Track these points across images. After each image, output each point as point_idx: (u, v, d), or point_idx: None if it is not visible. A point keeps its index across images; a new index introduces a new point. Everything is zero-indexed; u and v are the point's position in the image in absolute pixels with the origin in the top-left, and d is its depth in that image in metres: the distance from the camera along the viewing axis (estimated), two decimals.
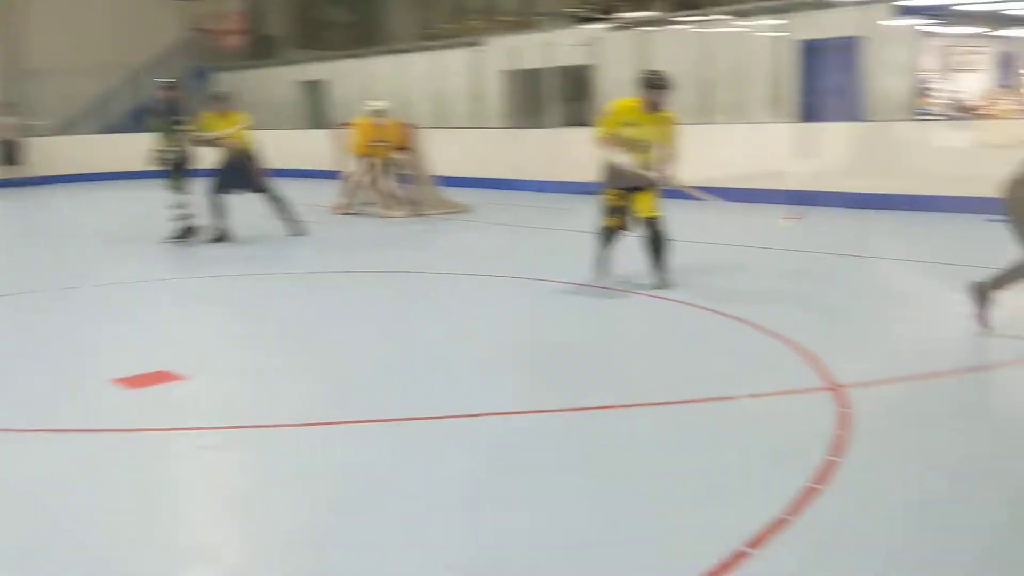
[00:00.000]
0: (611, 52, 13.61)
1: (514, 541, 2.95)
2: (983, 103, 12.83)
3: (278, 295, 7.16)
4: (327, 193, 12.43)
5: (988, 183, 4.69)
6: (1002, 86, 14.04)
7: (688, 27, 13.15)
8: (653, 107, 6.39)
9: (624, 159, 6.34)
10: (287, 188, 10.21)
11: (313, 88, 19.40)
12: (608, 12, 14.84)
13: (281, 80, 19.93)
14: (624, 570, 2.72)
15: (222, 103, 9.85)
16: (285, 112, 19.44)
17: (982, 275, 4.88)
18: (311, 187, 13.39)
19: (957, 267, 6.62)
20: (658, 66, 7.36)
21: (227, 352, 5.51)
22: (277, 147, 11.15)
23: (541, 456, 3.70)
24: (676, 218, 6.73)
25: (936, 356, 4.68)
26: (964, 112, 12.12)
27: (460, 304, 6.55)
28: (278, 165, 10.62)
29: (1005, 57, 14.40)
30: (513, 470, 3.55)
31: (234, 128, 9.59)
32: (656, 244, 6.52)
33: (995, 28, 13.76)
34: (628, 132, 6.36)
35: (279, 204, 9.88)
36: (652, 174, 6.40)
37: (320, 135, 15.44)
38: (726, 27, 12.91)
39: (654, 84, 6.41)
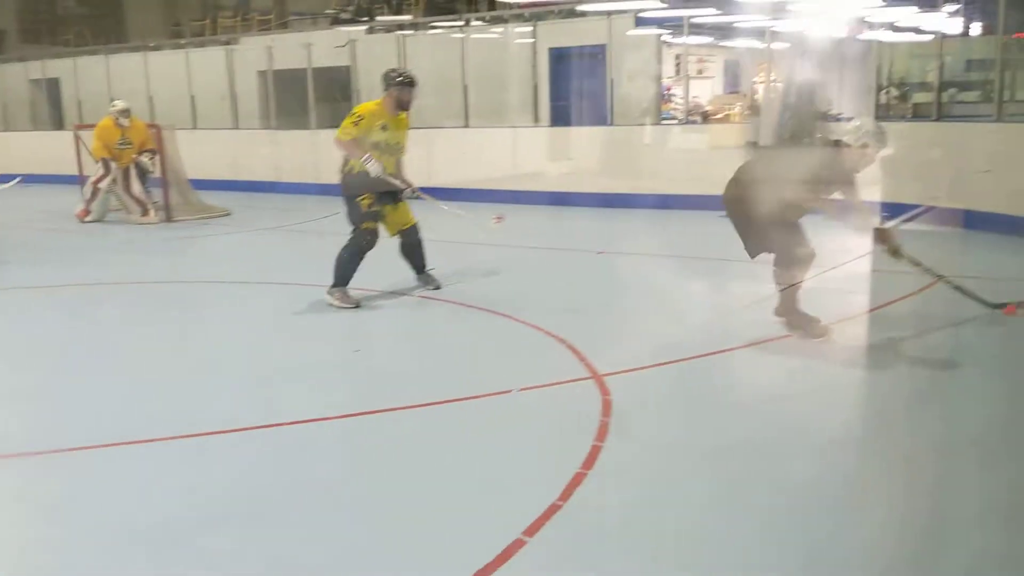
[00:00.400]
0: (369, 55, 13.59)
1: (290, 551, 2.90)
2: (714, 108, 13.98)
3: (8, 312, 6.58)
4: (70, 200, 11.55)
5: (719, 182, 5.12)
6: (731, 92, 15.39)
7: (445, 32, 13.38)
8: (401, 106, 6.19)
9: (373, 165, 6.00)
10: (20, 194, 9.43)
11: (47, 87, 17.92)
12: (366, 15, 14.82)
13: (9, 77, 18.26)
14: (407, 571, 2.76)
15: None
16: (16, 112, 17.84)
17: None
18: (51, 193, 12.39)
19: (696, 260, 7.31)
20: (417, 69, 7.35)
21: None
22: (6, 150, 10.21)
23: (316, 464, 3.66)
24: (432, 220, 6.82)
25: (684, 343, 5.05)
26: (699, 117, 13.13)
27: (217, 314, 6.31)
28: (8, 170, 9.73)
29: (733, 65, 15.78)
30: (290, 478, 3.49)
31: None
32: (415, 250, 6.51)
33: (725, 39, 15.04)
34: (379, 136, 6.12)
35: None
36: (402, 184, 6.26)
37: (58, 137, 14.30)
38: (482, 33, 13.25)
39: (404, 82, 6.16)
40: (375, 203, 6.13)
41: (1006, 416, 4.00)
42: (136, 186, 10.86)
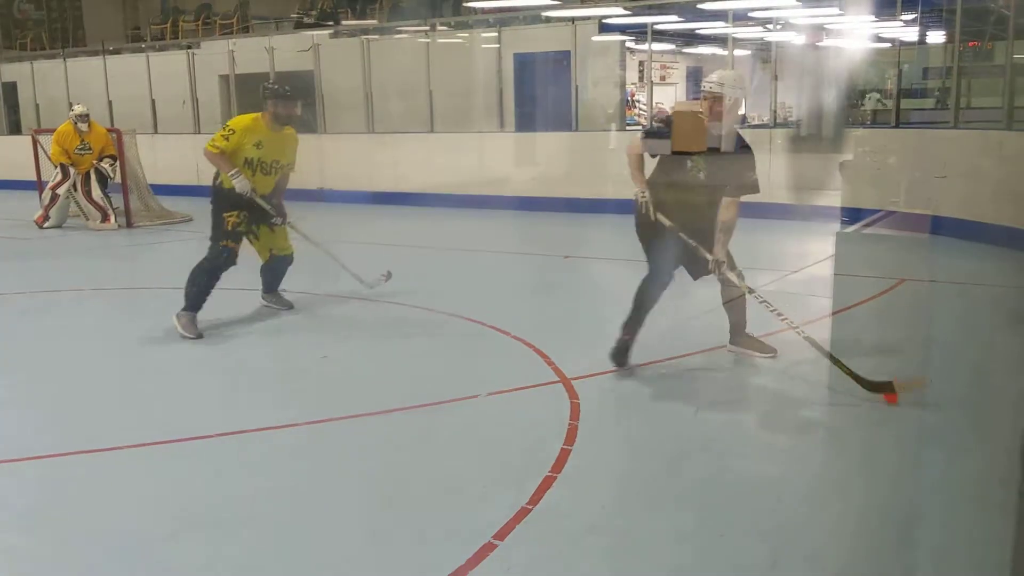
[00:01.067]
0: (333, 59, 13.54)
1: (257, 561, 2.88)
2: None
3: None
4: (28, 206, 11.37)
5: None
6: (694, 98, 15.53)
7: (411, 36, 13.36)
8: (281, 121, 5.71)
9: (240, 182, 5.57)
10: None
11: (4, 91, 17.62)
12: (330, 19, 14.76)
13: None
14: None
15: None
16: None
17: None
18: (9, 199, 12.18)
19: None
20: (381, 74, 7.31)
21: None
22: None
23: (281, 472, 3.63)
24: (405, 221, 6.80)
25: (648, 347, 5.07)
26: (663, 123, 13.26)
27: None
28: None
29: (696, 72, 15.94)
30: (256, 486, 3.45)
31: None
32: (277, 274, 6.13)
33: (687, 45, 15.19)
34: (252, 153, 5.66)
35: None
36: (271, 209, 5.82)
37: (15, 142, 14.07)
38: (447, 38, 13.26)
39: (281, 95, 5.69)
40: (243, 223, 5.72)
41: (967, 409, 4.07)
42: (96, 191, 10.71)
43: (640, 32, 11.94)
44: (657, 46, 13.24)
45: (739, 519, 3.08)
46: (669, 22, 12.72)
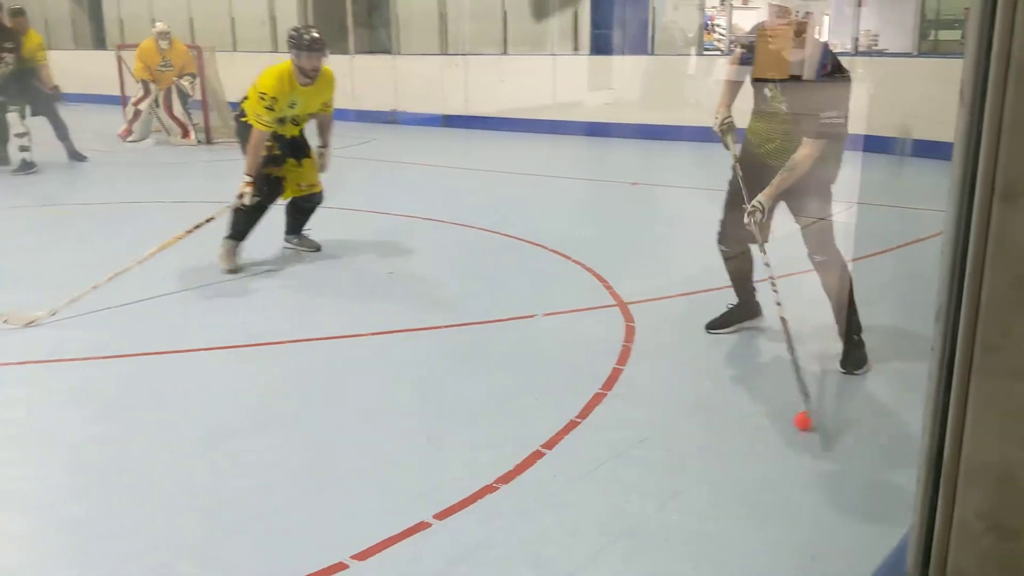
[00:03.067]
0: None
1: (337, 453, 3.07)
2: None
3: (55, 227, 6.78)
4: (113, 120, 11.73)
5: None
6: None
7: None
8: (308, 76, 5.23)
9: (250, 198, 5.14)
10: (66, 113, 9.63)
11: (89, 5, 17.99)
12: None
13: None
14: (435, 475, 2.90)
15: (19, 19, 9.20)
16: (58, 30, 17.95)
17: None
18: (93, 113, 12.56)
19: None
20: None
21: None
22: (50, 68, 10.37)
23: (350, 377, 3.82)
24: (455, 145, 6.84)
25: (710, 274, 5.08)
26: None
27: (256, 235, 6.45)
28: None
29: None
30: (328, 389, 3.66)
31: (36, 46, 9.21)
32: (304, 215, 5.73)
33: None
34: (286, 112, 5.27)
35: (62, 127, 9.43)
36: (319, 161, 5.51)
37: (99, 57, 14.42)
38: None
39: (304, 46, 5.15)
40: (278, 151, 5.37)
41: None
42: (177, 107, 11.02)
43: None
44: None
45: (790, 436, 3.14)
46: None
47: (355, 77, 13.02)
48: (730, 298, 4.28)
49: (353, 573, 2.37)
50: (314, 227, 5.81)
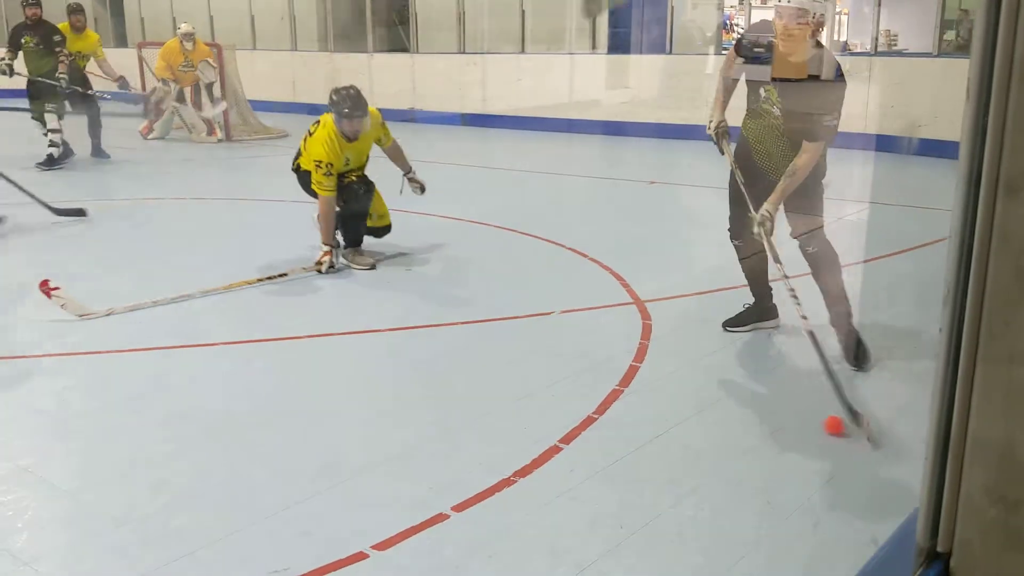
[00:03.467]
0: None
1: (355, 445, 3.12)
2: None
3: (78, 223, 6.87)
4: (134, 116, 11.84)
5: None
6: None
7: None
8: (350, 138, 5.27)
9: (327, 265, 5.29)
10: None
11: (111, 2, 18.13)
12: None
13: None
14: (453, 468, 2.95)
15: (79, 16, 9.44)
16: None
17: None
18: (113, 108, 12.65)
19: None
20: None
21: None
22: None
23: (368, 370, 3.87)
24: (473, 143, 6.88)
25: (727, 273, 5.11)
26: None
27: (278, 230, 6.52)
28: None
29: None
30: (344, 382, 3.71)
31: (94, 44, 9.50)
32: (366, 232, 5.65)
33: None
34: (342, 169, 5.35)
35: (96, 125, 9.57)
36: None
37: (121, 53, 14.53)
38: None
39: (345, 114, 5.17)
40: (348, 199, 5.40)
41: None
42: (196, 106, 11.16)
43: None
44: None
45: (806, 435, 3.17)
46: None
47: (374, 76, 13.11)
48: (747, 297, 4.30)
49: (374, 562, 2.42)
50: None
